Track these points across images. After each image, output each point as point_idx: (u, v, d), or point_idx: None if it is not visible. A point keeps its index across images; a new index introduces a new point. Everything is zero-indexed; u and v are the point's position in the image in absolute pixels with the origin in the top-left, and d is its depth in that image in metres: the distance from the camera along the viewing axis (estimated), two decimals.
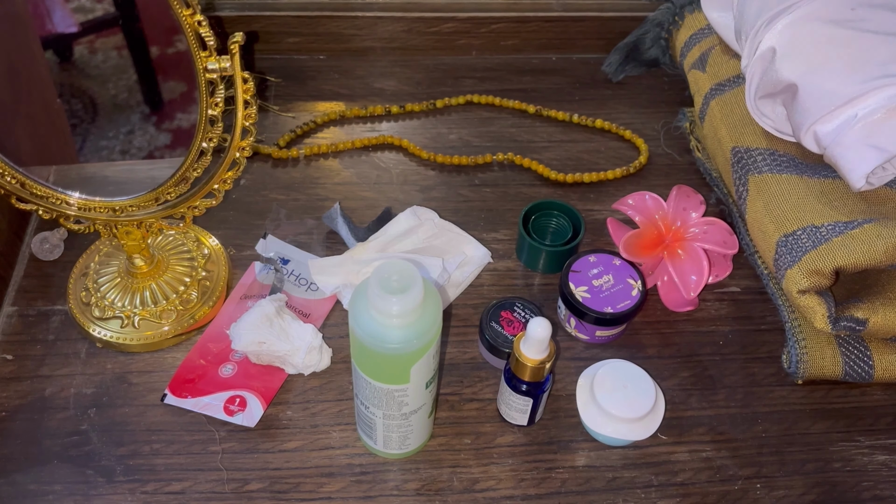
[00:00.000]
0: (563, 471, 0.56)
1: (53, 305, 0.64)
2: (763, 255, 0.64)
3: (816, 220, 0.59)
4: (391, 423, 0.52)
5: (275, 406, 0.59)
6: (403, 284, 0.44)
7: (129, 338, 0.61)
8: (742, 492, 0.56)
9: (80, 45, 0.60)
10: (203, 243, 0.67)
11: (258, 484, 0.55)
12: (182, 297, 0.63)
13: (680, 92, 0.84)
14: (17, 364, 0.60)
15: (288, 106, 0.82)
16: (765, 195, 0.63)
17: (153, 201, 0.57)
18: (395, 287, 0.44)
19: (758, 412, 0.60)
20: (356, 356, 0.49)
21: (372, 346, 0.46)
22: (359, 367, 0.49)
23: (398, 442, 0.54)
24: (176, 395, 0.58)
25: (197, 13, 0.46)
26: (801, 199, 0.61)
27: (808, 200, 0.61)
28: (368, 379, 0.49)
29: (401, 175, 0.76)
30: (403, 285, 0.44)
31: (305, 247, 0.68)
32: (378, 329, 0.45)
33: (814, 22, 0.62)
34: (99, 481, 0.54)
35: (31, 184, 0.55)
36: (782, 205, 0.61)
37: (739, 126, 0.68)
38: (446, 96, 0.83)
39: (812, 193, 0.61)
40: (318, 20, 0.84)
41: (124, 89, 0.62)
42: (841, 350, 0.60)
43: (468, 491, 0.55)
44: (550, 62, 0.89)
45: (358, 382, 0.51)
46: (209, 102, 0.51)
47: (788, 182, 0.63)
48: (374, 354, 0.47)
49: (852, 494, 0.56)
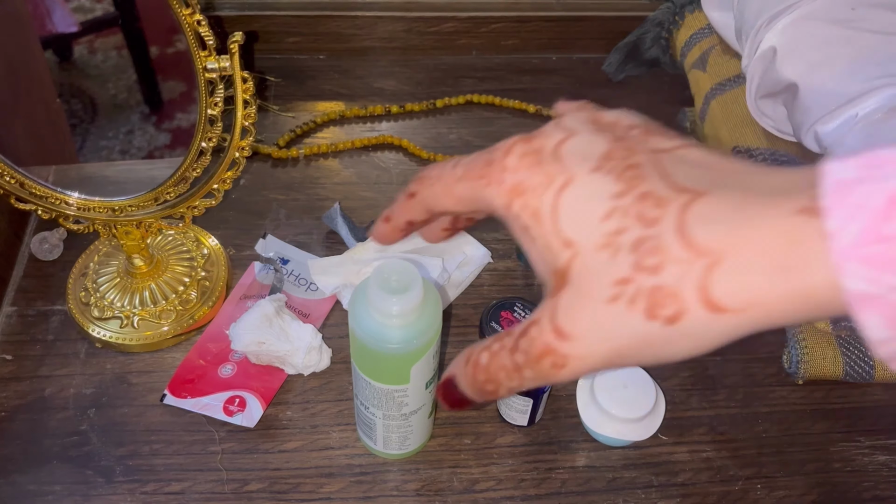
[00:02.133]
0: (563, 471, 0.56)
1: (53, 305, 0.64)
2: None
3: None
4: (391, 423, 0.52)
5: (274, 406, 0.58)
6: (403, 284, 0.44)
7: (128, 338, 0.60)
8: (742, 492, 0.56)
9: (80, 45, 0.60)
10: (202, 243, 0.67)
11: (258, 484, 0.54)
12: (181, 297, 0.63)
13: (680, 92, 0.84)
14: (16, 364, 0.60)
15: (287, 106, 0.82)
16: None
17: (152, 201, 0.57)
18: (395, 287, 0.44)
19: (758, 412, 0.60)
20: (356, 356, 0.49)
21: (372, 347, 0.46)
22: (358, 368, 0.49)
23: (398, 442, 0.54)
24: (175, 396, 0.58)
25: (196, 13, 0.46)
26: None
27: None
28: (368, 379, 0.49)
29: (401, 175, 0.76)
30: (403, 285, 0.44)
31: (305, 247, 0.68)
32: (378, 329, 0.45)
33: (814, 21, 0.62)
34: (98, 481, 0.54)
35: (31, 184, 0.55)
36: None
37: (740, 126, 0.68)
38: (446, 96, 0.83)
39: None
40: (318, 20, 0.84)
41: (124, 89, 0.62)
42: (841, 350, 0.60)
43: (468, 491, 0.55)
44: (551, 62, 0.88)
45: (358, 383, 0.51)
46: (209, 102, 0.51)
47: None
48: (373, 354, 0.46)
49: (853, 495, 0.56)
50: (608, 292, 0.24)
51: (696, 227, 0.23)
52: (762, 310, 0.23)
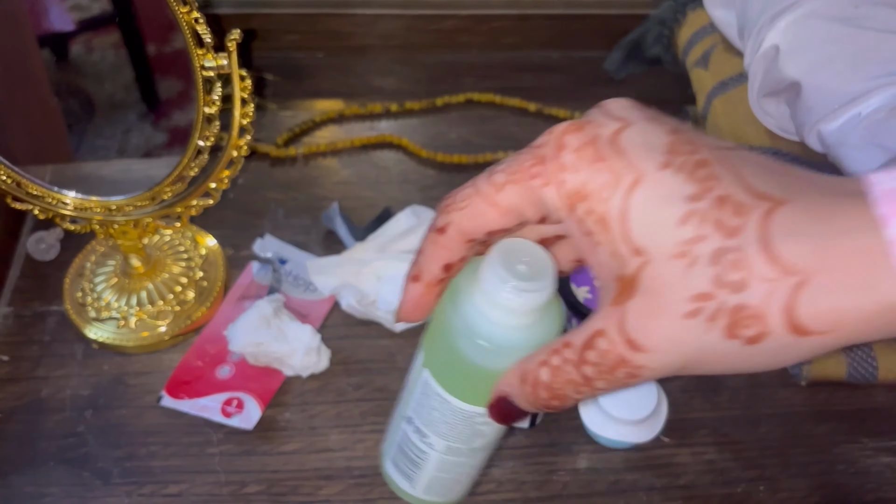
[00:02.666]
0: (564, 473, 0.56)
1: (49, 306, 0.63)
2: None
3: None
4: (451, 459, 0.37)
5: (272, 408, 0.58)
6: (536, 270, 0.31)
7: (125, 339, 0.60)
8: (745, 494, 0.56)
9: (77, 44, 0.59)
10: (200, 243, 0.66)
11: (256, 486, 0.54)
12: (179, 297, 0.62)
13: (682, 90, 0.84)
14: (12, 365, 0.60)
15: (286, 104, 0.81)
16: None
17: (150, 201, 0.56)
18: (526, 273, 0.31)
19: (761, 414, 0.60)
20: (434, 361, 0.35)
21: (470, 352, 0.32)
22: (435, 379, 0.34)
23: (448, 486, 0.39)
24: (173, 397, 0.57)
25: (194, 10, 0.46)
26: None
27: None
28: (446, 396, 0.34)
29: (400, 174, 0.75)
30: (536, 271, 0.31)
31: (303, 247, 0.68)
32: (490, 328, 0.31)
33: (817, 19, 0.62)
34: (95, 483, 0.54)
35: (27, 183, 0.55)
36: None
37: (742, 124, 0.68)
38: (446, 94, 0.82)
39: None
40: (317, 17, 0.84)
41: (121, 88, 0.61)
42: (845, 351, 0.59)
43: (469, 493, 0.54)
44: (552, 60, 0.88)
45: (419, 399, 0.36)
46: (206, 100, 0.50)
47: None
48: (468, 362, 0.32)
49: (856, 496, 0.56)
50: (686, 307, 0.23)
51: (781, 240, 0.22)
52: (847, 330, 0.22)
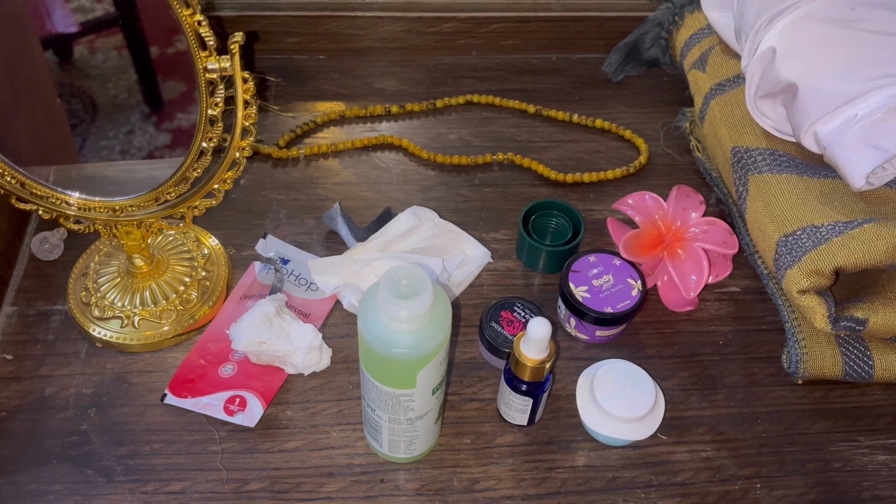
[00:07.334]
0: (562, 471, 0.56)
1: (53, 305, 0.64)
2: (763, 255, 0.64)
3: (816, 220, 0.59)
4: (397, 427, 0.52)
5: (275, 406, 0.59)
6: (413, 289, 0.43)
7: (128, 338, 0.61)
8: (742, 492, 0.56)
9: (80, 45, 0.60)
10: (203, 243, 0.67)
11: (258, 484, 0.55)
12: (182, 297, 0.63)
13: (680, 92, 0.84)
14: (16, 364, 0.60)
15: (288, 106, 0.82)
16: (765, 195, 0.63)
17: (153, 201, 0.57)
18: (405, 291, 0.43)
19: (758, 412, 0.60)
20: (364, 359, 0.49)
21: (379, 350, 0.45)
22: (366, 370, 0.49)
23: (404, 446, 0.54)
24: (176, 395, 0.58)
25: (197, 13, 0.46)
26: (801, 199, 0.61)
27: (808, 200, 0.61)
28: (375, 382, 0.48)
29: (401, 175, 0.76)
30: (413, 290, 0.43)
31: (305, 247, 0.68)
32: (386, 333, 0.45)
33: (814, 22, 0.62)
34: (99, 481, 0.54)
35: (31, 184, 0.55)
36: (782, 205, 0.61)
37: (739, 126, 0.68)
38: (446, 96, 0.83)
39: (812, 193, 0.61)
40: (318, 20, 0.84)
41: (124, 89, 0.61)
42: (841, 350, 0.60)
43: (468, 491, 0.55)
44: (550, 62, 0.89)
45: (365, 385, 0.50)
46: (209, 102, 0.51)
47: (788, 182, 0.63)
48: (381, 358, 0.46)
49: (852, 494, 0.56)
50: None
51: None
52: None
